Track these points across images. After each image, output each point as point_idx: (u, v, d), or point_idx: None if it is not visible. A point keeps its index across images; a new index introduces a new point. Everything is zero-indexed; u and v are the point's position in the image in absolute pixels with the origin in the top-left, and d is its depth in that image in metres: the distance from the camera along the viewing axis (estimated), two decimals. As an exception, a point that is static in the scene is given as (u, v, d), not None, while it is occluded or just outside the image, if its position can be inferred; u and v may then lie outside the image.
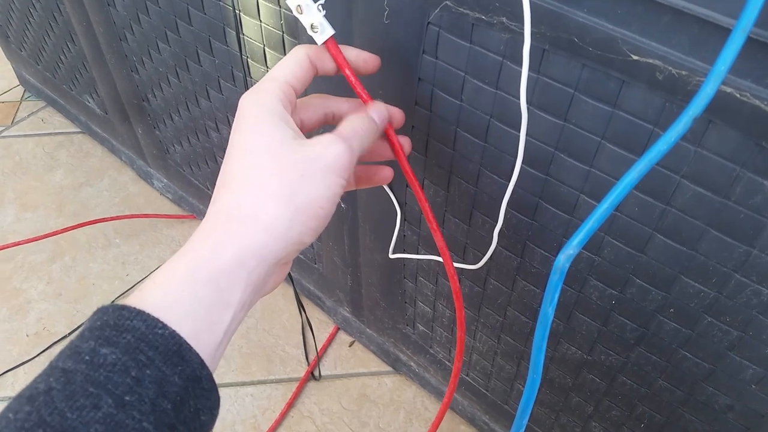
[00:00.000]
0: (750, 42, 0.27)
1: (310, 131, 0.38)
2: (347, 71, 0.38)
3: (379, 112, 0.38)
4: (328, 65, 0.37)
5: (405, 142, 0.41)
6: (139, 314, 0.28)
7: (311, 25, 0.36)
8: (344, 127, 0.35)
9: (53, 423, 0.25)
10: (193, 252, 0.31)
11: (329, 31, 0.36)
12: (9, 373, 0.82)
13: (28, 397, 0.26)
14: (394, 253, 0.59)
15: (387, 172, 0.43)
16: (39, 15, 0.89)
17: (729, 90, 0.30)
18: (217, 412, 0.30)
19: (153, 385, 0.26)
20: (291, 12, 0.37)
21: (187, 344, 0.28)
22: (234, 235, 0.31)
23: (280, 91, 0.35)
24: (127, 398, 0.26)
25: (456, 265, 0.51)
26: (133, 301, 0.29)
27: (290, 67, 0.36)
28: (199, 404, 0.29)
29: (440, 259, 0.52)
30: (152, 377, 0.27)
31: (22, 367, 0.83)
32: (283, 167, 0.32)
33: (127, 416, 0.25)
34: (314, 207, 0.32)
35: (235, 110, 0.35)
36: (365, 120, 0.37)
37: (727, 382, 0.41)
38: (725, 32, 0.27)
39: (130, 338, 0.27)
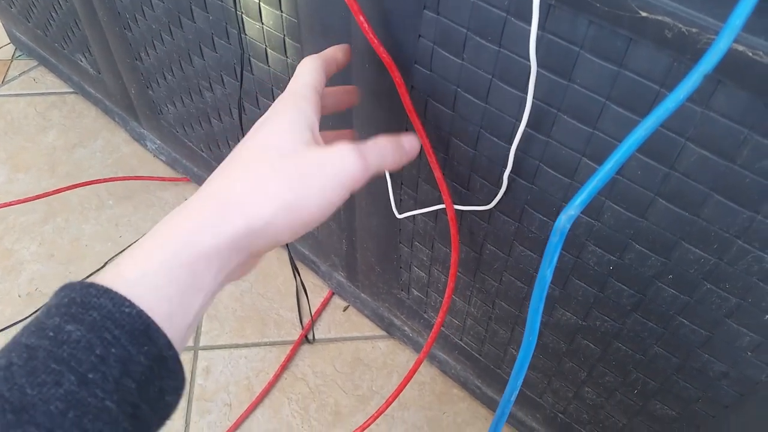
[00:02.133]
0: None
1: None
2: (361, 18, 0.40)
3: (411, 141, 0.39)
4: (331, 69, 0.41)
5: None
6: (107, 292, 0.27)
7: None
8: (371, 143, 0.36)
9: (12, 399, 0.24)
10: (175, 231, 0.31)
11: None
12: (1, 333, 0.82)
13: None
14: (401, 213, 0.58)
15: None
16: (28, -32, 0.86)
17: (741, 48, 0.29)
18: (182, 393, 0.30)
19: (117, 363, 0.26)
20: None
21: (155, 324, 0.28)
22: (216, 221, 0.31)
23: (314, 98, 0.36)
24: (90, 376, 0.25)
25: (465, 208, 0.50)
26: (109, 276, 0.29)
27: (316, 77, 0.38)
28: (165, 385, 0.28)
29: (443, 206, 0.51)
30: (117, 356, 0.26)
31: (13, 327, 0.82)
32: (285, 165, 0.33)
33: (90, 394, 0.25)
34: (302, 210, 0.32)
35: (231, 69, 0.35)
36: (394, 146, 0.37)
37: (723, 349, 0.41)
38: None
39: (96, 315, 0.26)
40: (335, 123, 0.56)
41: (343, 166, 0.33)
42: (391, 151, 0.37)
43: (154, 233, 0.31)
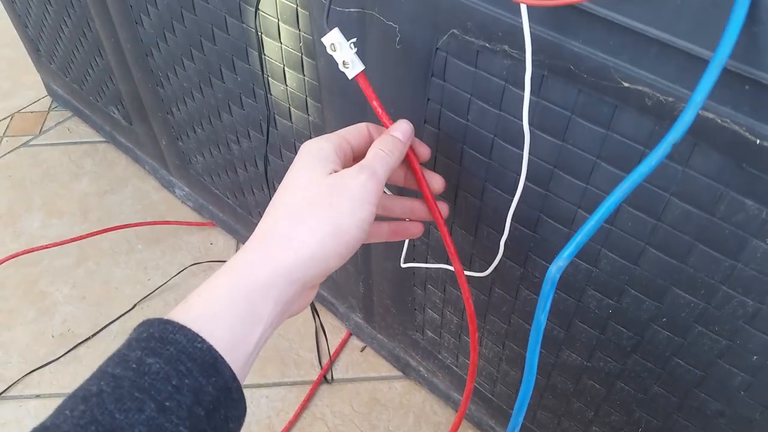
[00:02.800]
0: (728, 73, 0.30)
1: None
2: (374, 103, 0.42)
3: (401, 129, 0.42)
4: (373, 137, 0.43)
5: (443, 207, 0.46)
6: (182, 329, 0.31)
7: (343, 62, 0.41)
8: (367, 155, 0.40)
9: (104, 422, 0.28)
10: (233, 269, 0.35)
11: (360, 67, 0.41)
12: (35, 372, 0.86)
13: (81, 397, 0.29)
14: (405, 262, 0.62)
15: (417, 228, 0.48)
16: (69, 31, 0.93)
17: (711, 116, 0.32)
18: (243, 421, 0.33)
19: (190, 393, 0.30)
20: (326, 49, 0.41)
21: (222, 358, 0.31)
22: (268, 256, 0.35)
23: (338, 141, 0.40)
24: (167, 404, 0.29)
25: (470, 273, 0.54)
26: (179, 311, 0.33)
27: (350, 130, 0.42)
28: (229, 413, 0.32)
29: (450, 267, 0.55)
30: (190, 386, 0.30)
31: (47, 366, 0.86)
32: (316, 197, 0.37)
33: (167, 420, 0.29)
34: (342, 233, 0.36)
35: (257, 125, 0.39)
36: (387, 140, 0.40)
37: (717, 388, 0.44)
38: (705, 63, 0.30)
39: (172, 350, 0.30)
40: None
41: (359, 185, 0.37)
42: (390, 151, 0.40)
43: (217, 273, 0.35)
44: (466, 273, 0.54)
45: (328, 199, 0.37)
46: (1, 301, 0.94)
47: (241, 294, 0.34)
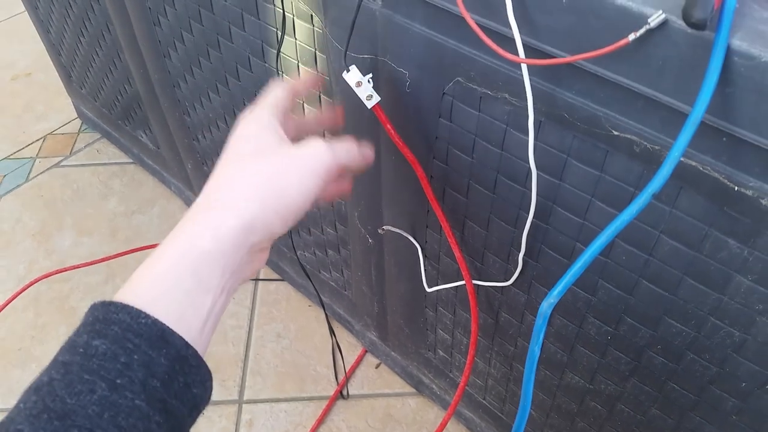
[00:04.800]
0: (706, 126, 0.33)
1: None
2: (388, 126, 0.48)
3: (368, 150, 0.43)
4: (299, 86, 0.45)
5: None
6: (125, 308, 0.31)
7: (366, 96, 0.45)
8: (339, 141, 0.41)
9: (56, 408, 0.28)
10: (176, 240, 0.35)
11: (376, 98, 0.46)
12: (66, 385, 0.90)
13: (34, 389, 0.30)
14: (429, 287, 0.64)
15: (346, 187, 0.47)
16: (100, 60, 0.98)
17: (693, 163, 0.35)
18: (210, 384, 0.34)
19: (141, 367, 0.30)
20: (350, 86, 0.46)
21: (170, 329, 0.31)
22: (210, 224, 0.35)
23: (272, 106, 0.41)
24: (118, 381, 0.29)
25: (485, 283, 0.56)
26: (125, 291, 0.33)
27: (275, 92, 0.43)
28: (189, 379, 0.32)
29: (470, 282, 0.58)
30: (140, 361, 0.30)
31: (78, 380, 0.90)
32: (261, 163, 0.37)
33: (120, 396, 0.29)
34: (284, 198, 0.36)
35: None
36: (357, 147, 0.42)
37: (710, 412, 0.46)
38: (686, 117, 0.33)
39: (117, 329, 0.30)
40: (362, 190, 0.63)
41: (317, 158, 0.38)
42: (355, 150, 0.41)
43: (161, 246, 0.35)
44: (488, 283, 0.57)
45: (277, 163, 0.37)
46: (34, 316, 0.98)
47: (186, 265, 0.33)
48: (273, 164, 0.37)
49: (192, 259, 0.34)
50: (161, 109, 0.91)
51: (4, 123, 1.35)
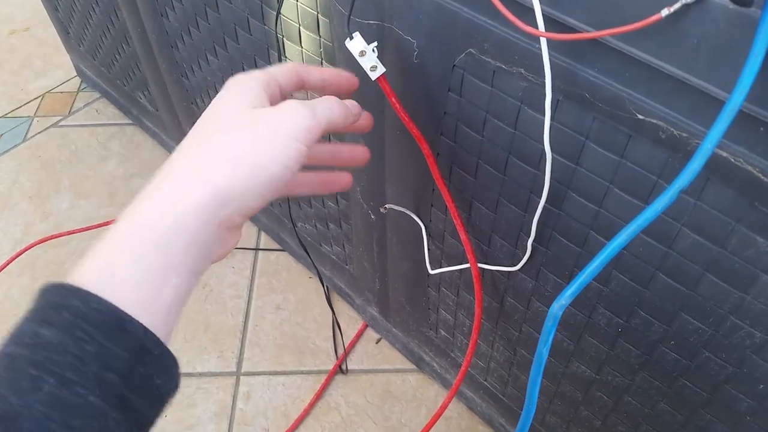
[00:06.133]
0: (743, 114, 0.30)
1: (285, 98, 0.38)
2: (393, 99, 0.44)
3: (355, 105, 0.39)
4: (312, 79, 0.39)
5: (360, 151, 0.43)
6: (77, 292, 0.27)
7: (371, 66, 0.42)
8: (318, 99, 0.36)
9: None
10: (135, 212, 0.30)
11: (381, 69, 0.42)
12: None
13: None
14: (432, 269, 0.62)
15: (346, 179, 0.43)
16: (98, 17, 0.95)
17: (725, 154, 0.32)
18: (176, 372, 0.30)
19: (95, 360, 0.26)
20: (354, 55, 0.42)
21: (128, 316, 0.28)
22: (175, 194, 0.30)
23: (264, 77, 0.35)
24: (68, 375, 0.26)
25: (491, 267, 0.54)
26: (79, 271, 0.29)
27: (280, 68, 0.37)
28: (150, 369, 0.28)
29: (476, 266, 0.55)
30: (93, 353, 0.26)
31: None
32: (237, 129, 0.32)
33: (71, 393, 0.26)
34: (262, 168, 0.31)
35: None
36: (341, 103, 0.37)
37: (723, 411, 0.44)
38: (720, 103, 0.29)
39: (67, 316, 0.27)
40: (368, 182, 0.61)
41: (294, 120, 0.33)
42: (337, 106, 0.36)
43: (119, 220, 0.30)
44: (494, 267, 0.54)
45: (252, 130, 0.32)
46: (30, 281, 0.97)
47: (147, 241, 0.29)
48: (245, 131, 0.32)
49: (154, 233, 0.29)
50: (159, 71, 0.88)
51: (2, 79, 1.31)
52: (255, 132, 0.32)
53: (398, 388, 0.83)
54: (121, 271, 0.28)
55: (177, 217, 0.30)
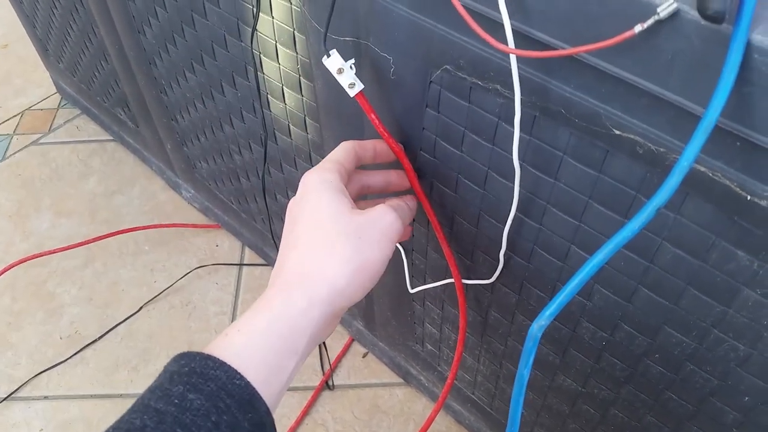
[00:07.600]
0: (720, 130, 0.29)
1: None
2: (372, 116, 0.44)
3: (412, 199, 0.47)
4: (366, 156, 0.45)
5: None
6: (222, 365, 0.33)
7: (349, 84, 0.42)
8: (392, 201, 0.43)
9: None
10: (271, 304, 0.36)
11: (360, 86, 0.43)
12: (44, 373, 0.88)
13: (125, 430, 0.30)
14: (412, 287, 0.62)
15: (406, 232, 0.48)
16: (75, 34, 0.94)
17: (703, 169, 0.32)
18: None
19: (228, 429, 0.31)
20: (332, 73, 0.42)
21: (258, 394, 0.33)
22: (304, 291, 0.36)
23: (339, 169, 0.41)
24: None
25: (470, 282, 0.54)
26: (219, 345, 0.34)
27: (343, 154, 0.43)
28: None
29: (454, 280, 0.55)
30: (228, 422, 0.31)
31: (55, 368, 0.88)
32: (345, 232, 0.38)
33: None
34: (370, 267, 0.38)
35: (257, 138, 0.40)
36: (411, 205, 0.46)
37: (709, 424, 0.44)
38: (696, 118, 0.29)
39: (213, 386, 0.32)
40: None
41: (389, 223, 0.39)
42: (408, 209, 0.45)
43: (255, 307, 0.37)
44: (471, 282, 0.54)
45: (358, 234, 0.38)
46: (10, 301, 0.95)
47: (279, 329, 0.35)
48: (353, 237, 0.38)
49: (285, 323, 0.35)
50: (138, 87, 0.87)
51: (-20, 97, 1.30)
52: (362, 238, 0.38)
53: (386, 403, 0.83)
54: (257, 355, 0.34)
55: (304, 312, 0.36)
